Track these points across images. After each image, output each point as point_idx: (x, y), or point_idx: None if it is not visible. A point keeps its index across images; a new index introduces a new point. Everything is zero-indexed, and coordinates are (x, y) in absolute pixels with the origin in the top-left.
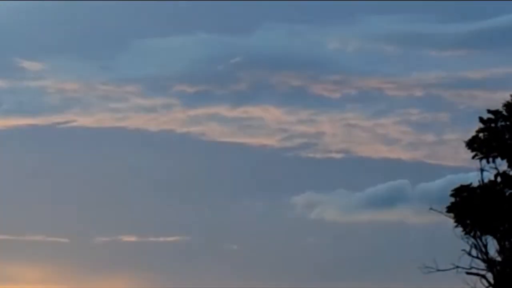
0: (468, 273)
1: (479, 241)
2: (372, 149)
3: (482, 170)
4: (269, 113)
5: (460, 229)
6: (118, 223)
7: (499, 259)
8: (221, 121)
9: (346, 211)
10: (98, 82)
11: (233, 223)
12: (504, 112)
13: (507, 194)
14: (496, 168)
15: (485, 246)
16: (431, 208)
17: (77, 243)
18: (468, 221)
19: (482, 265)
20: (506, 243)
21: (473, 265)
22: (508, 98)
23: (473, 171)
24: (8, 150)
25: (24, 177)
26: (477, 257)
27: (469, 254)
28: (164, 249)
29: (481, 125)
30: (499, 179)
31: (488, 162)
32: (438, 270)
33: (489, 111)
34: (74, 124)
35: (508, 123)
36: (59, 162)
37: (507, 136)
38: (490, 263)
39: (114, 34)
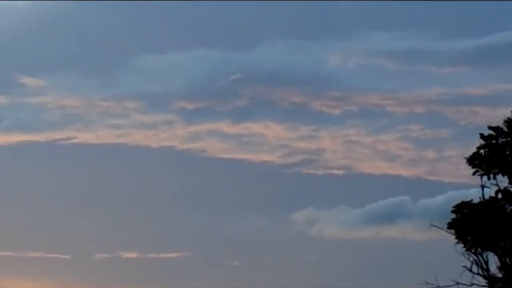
0: None
1: (480, 257)
2: (372, 165)
3: (483, 186)
4: (270, 129)
5: (461, 245)
6: (119, 240)
7: (500, 275)
8: (221, 138)
9: (347, 228)
10: (99, 98)
11: (234, 239)
12: (505, 129)
13: (508, 210)
14: (497, 184)
15: (486, 262)
16: (432, 225)
17: (77, 259)
18: (469, 238)
19: (483, 281)
20: (507, 259)
21: (474, 281)
22: (509, 115)
23: (474, 188)
24: (9, 166)
25: (25, 193)
26: (478, 274)
27: (470, 270)
28: (165, 265)
29: (482, 142)
30: (500, 195)
31: (489, 178)
32: (439, 287)
33: (490, 128)
34: (75, 140)
35: (509, 139)
36: (60, 178)
37: (508, 153)
38: (491, 280)
39: (114, 51)
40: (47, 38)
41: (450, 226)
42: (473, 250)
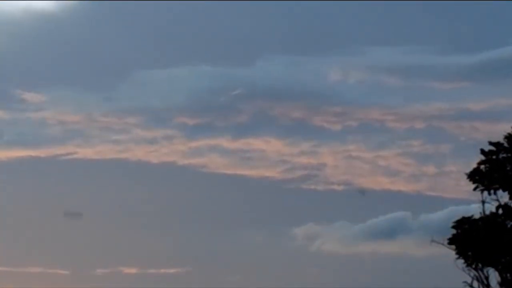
0: None
1: (480, 273)
2: (373, 181)
3: (483, 202)
4: (270, 145)
5: (461, 261)
6: (119, 255)
7: None
8: (222, 153)
9: (347, 243)
10: (99, 113)
11: (234, 254)
12: (506, 144)
13: (508, 226)
14: (497, 200)
15: (487, 278)
16: (432, 240)
17: (77, 275)
18: (470, 253)
19: None
20: (508, 275)
21: None
22: (509, 130)
23: (475, 203)
24: (9, 181)
25: (25, 208)
26: None
27: (471, 286)
28: (165, 281)
29: (483, 157)
30: (500, 211)
31: (489, 194)
32: None
33: (490, 143)
34: (75, 156)
35: (509, 155)
36: (60, 193)
37: (508, 168)
38: None
39: (115, 66)
40: (47, 54)
41: (451, 241)
42: (473, 266)
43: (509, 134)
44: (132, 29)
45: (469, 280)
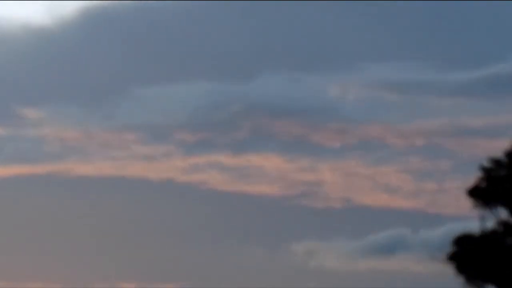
0: None
1: None
2: (372, 197)
3: (483, 218)
4: (270, 161)
5: (461, 278)
6: (118, 270)
7: None
8: (221, 169)
9: (347, 259)
10: (98, 130)
11: (233, 270)
12: (505, 161)
13: (508, 243)
14: (497, 216)
15: None
16: (432, 257)
17: None
18: (469, 270)
19: None
20: None
21: None
22: (509, 147)
23: (474, 220)
24: (8, 198)
25: (23, 225)
26: None
27: None
28: None
29: (482, 174)
30: (500, 228)
31: (489, 210)
32: None
33: (490, 160)
34: (74, 172)
35: (509, 171)
36: (58, 210)
37: (508, 185)
38: None
39: (113, 82)
40: (46, 70)
41: (450, 258)
42: (473, 283)
43: (509, 150)
44: (131, 45)
45: None
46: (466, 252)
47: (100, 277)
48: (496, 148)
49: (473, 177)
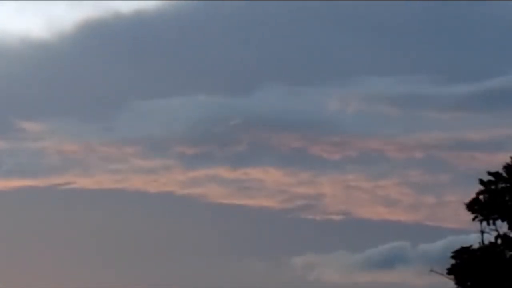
0: None
1: None
2: (372, 210)
3: (482, 232)
4: (269, 175)
5: None
6: (118, 282)
7: None
8: (221, 183)
9: (346, 272)
10: (98, 143)
11: (233, 283)
12: (504, 174)
13: (507, 256)
14: (496, 230)
15: None
16: (431, 270)
17: None
18: (469, 283)
19: None
20: None
21: None
22: (508, 160)
23: (474, 233)
24: (8, 211)
25: (24, 237)
26: None
27: None
28: None
29: (482, 187)
30: (499, 241)
31: (488, 224)
32: None
33: (489, 173)
34: (74, 185)
35: (508, 185)
36: (59, 223)
37: (507, 198)
38: None
39: (113, 96)
40: (46, 84)
41: (450, 271)
42: None
43: (508, 164)
44: (131, 59)
45: None
46: (465, 265)
47: None
48: (495, 162)
49: (472, 190)
